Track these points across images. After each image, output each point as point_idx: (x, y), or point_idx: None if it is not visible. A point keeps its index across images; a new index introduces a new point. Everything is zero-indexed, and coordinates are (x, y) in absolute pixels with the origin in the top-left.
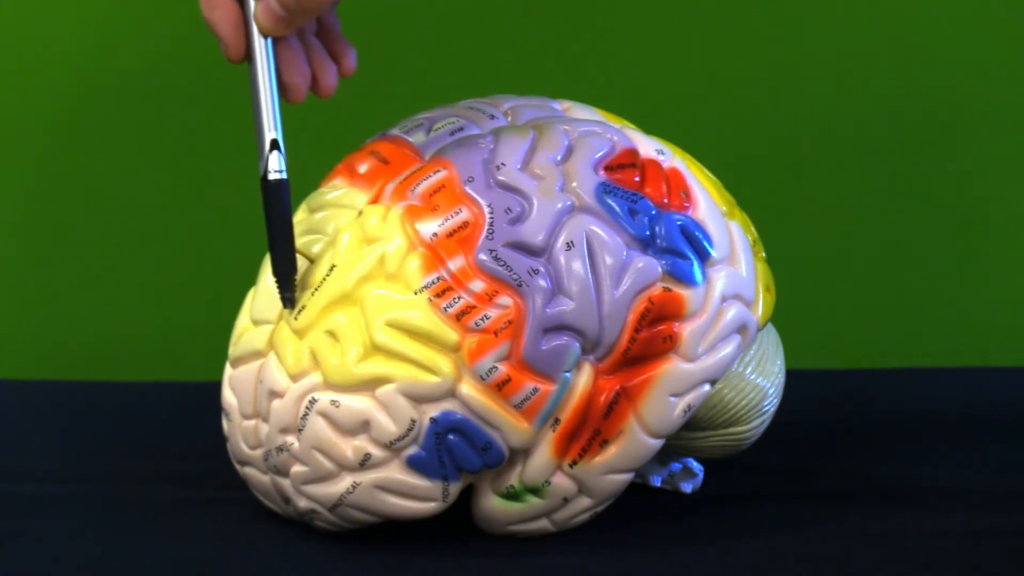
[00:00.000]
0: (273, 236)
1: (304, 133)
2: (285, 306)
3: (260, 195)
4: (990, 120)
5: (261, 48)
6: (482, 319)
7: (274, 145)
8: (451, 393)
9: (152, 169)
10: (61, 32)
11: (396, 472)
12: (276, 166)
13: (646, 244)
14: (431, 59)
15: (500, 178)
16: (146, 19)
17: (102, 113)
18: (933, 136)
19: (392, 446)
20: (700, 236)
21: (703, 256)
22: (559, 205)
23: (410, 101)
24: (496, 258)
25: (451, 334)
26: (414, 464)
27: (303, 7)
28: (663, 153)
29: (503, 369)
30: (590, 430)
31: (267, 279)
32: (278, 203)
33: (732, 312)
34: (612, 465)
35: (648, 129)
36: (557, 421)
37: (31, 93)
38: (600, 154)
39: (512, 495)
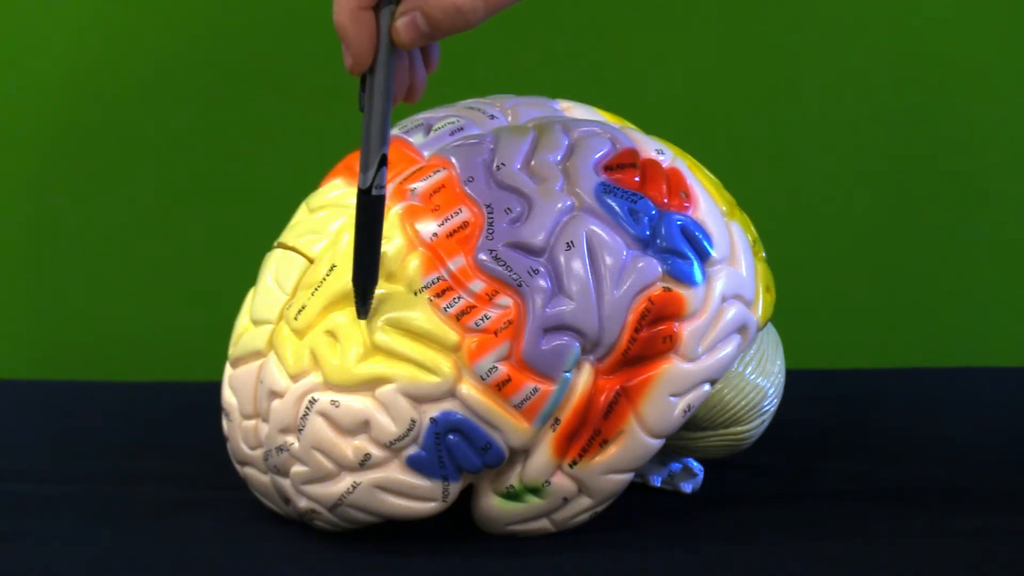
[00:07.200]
0: (361, 248)
1: (304, 133)
2: (360, 317)
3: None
4: (990, 120)
5: (385, 62)
6: (482, 319)
7: (383, 161)
8: (451, 393)
9: (152, 169)
10: (63, 32)
11: (396, 472)
12: (382, 182)
13: (646, 244)
14: None
15: (500, 178)
16: (149, 21)
17: (103, 113)
18: (933, 136)
19: (392, 446)
20: (700, 236)
21: (703, 256)
22: (559, 205)
23: None
24: (496, 258)
25: (451, 334)
26: (414, 464)
27: (454, 26)
28: (663, 153)
29: (503, 369)
30: (590, 430)
31: (267, 279)
32: (376, 218)
33: (732, 312)
34: (612, 465)
35: (648, 129)
36: (557, 421)
37: (32, 93)
38: (600, 154)
39: (512, 495)
